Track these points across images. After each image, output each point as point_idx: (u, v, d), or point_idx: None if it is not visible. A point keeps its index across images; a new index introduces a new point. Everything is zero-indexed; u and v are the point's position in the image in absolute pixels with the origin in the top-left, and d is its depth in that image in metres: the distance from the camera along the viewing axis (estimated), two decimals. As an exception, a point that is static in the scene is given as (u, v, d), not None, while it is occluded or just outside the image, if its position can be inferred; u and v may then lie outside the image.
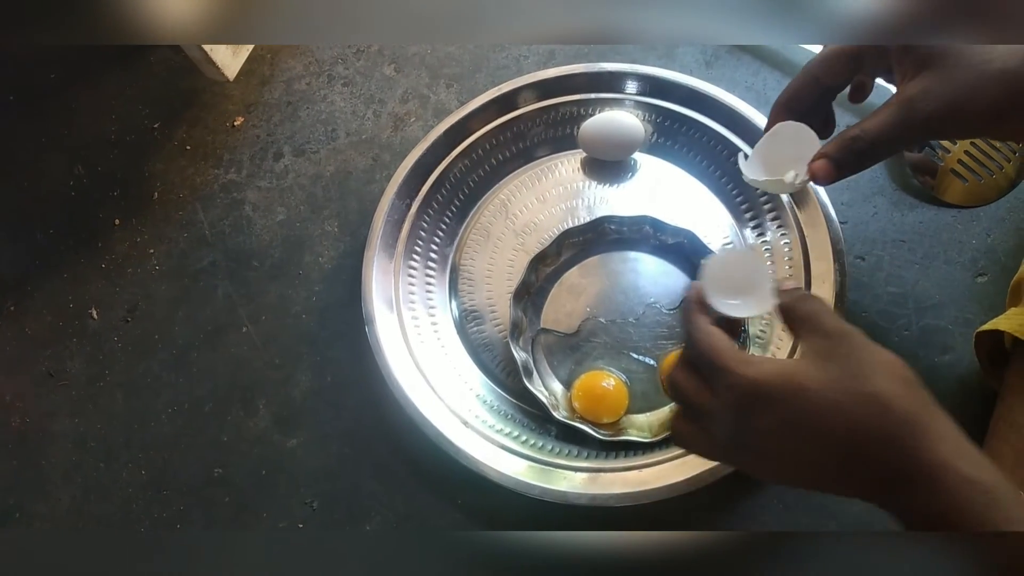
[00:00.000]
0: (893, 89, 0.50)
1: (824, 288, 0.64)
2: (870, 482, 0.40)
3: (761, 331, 0.65)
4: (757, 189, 0.66)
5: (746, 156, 0.59)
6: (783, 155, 0.55)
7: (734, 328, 0.49)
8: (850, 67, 0.53)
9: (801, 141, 0.54)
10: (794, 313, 0.45)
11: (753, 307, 0.48)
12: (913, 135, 0.49)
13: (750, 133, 0.69)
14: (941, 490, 0.38)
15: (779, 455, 0.42)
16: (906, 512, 0.40)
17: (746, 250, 0.49)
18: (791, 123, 0.55)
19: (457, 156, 0.72)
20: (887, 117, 0.48)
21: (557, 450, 0.63)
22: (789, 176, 0.54)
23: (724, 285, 0.48)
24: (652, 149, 0.73)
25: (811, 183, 0.54)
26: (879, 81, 0.58)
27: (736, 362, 0.43)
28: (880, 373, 0.40)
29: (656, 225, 0.67)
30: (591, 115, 0.72)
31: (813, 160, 0.52)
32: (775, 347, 0.64)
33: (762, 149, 0.57)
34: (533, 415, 0.65)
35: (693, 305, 0.47)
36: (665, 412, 0.64)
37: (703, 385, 0.45)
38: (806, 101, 0.55)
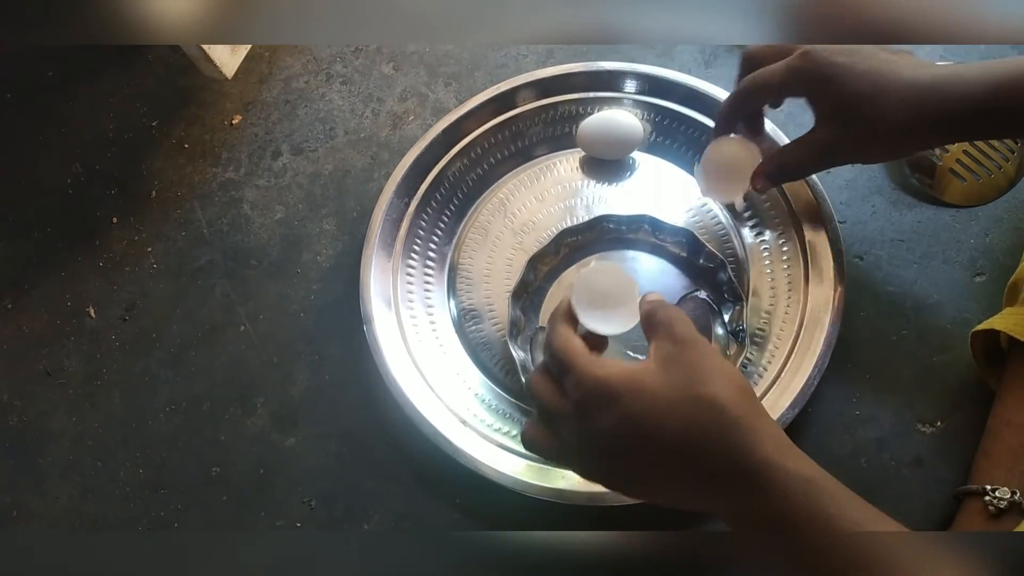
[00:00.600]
0: None
1: (822, 288, 0.64)
2: (703, 482, 0.42)
3: (760, 329, 0.65)
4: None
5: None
6: (730, 166, 0.62)
7: (600, 342, 0.50)
8: (775, 96, 0.60)
9: (745, 153, 0.61)
10: (651, 319, 0.47)
11: (618, 324, 0.49)
12: (824, 168, 0.60)
13: (749, 132, 0.69)
14: (767, 484, 0.40)
15: (620, 456, 0.44)
16: (737, 511, 0.42)
17: (615, 266, 0.52)
18: (735, 137, 0.62)
19: (456, 155, 0.72)
20: (806, 153, 0.58)
21: (555, 449, 0.63)
22: (739, 201, 0.65)
23: (592, 300, 0.49)
24: (651, 148, 0.73)
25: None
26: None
27: (585, 362, 0.45)
28: (717, 379, 0.42)
29: (655, 224, 0.67)
30: (590, 114, 0.72)
31: (754, 176, 0.60)
32: (773, 345, 0.64)
33: (711, 161, 0.63)
34: (532, 414, 0.65)
35: (559, 315, 0.49)
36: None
37: (557, 388, 0.46)
38: (744, 112, 0.62)
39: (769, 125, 0.68)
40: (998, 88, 0.50)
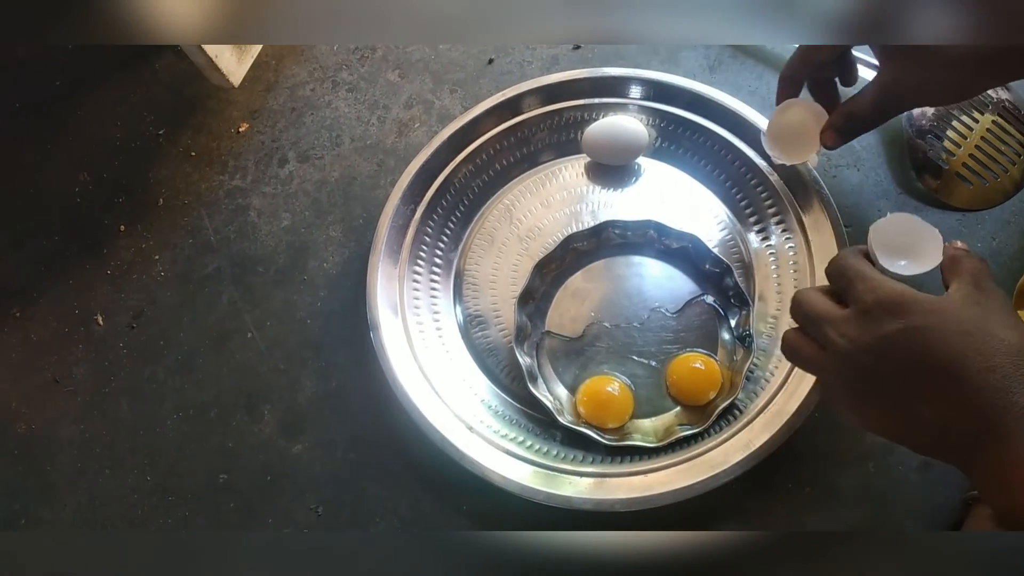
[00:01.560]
0: None
1: (829, 292, 0.64)
2: (960, 418, 0.42)
3: (766, 334, 0.65)
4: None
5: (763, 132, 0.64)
6: (796, 127, 0.61)
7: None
8: (836, 48, 0.60)
9: (811, 114, 0.61)
10: (957, 264, 0.48)
11: (919, 266, 0.50)
12: (893, 112, 0.58)
13: (754, 136, 0.69)
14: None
15: (887, 366, 0.44)
16: (982, 464, 0.42)
17: (911, 217, 0.52)
18: (799, 100, 0.61)
19: (461, 161, 0.72)
20: (872, 98, 0.56)
21: (562, 455, 0.63)
22: (812, 160, 0.63)
23: (891, 247, 0.51)
24: (656, 153, 0.73)
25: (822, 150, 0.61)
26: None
27: (880, 276, 0.46)
28: (1019, 329, 0.43)
29: (660, 229, 0.67)
30: (595, 120, 0.72)
31: (822, 132, 0.60)
32: (778, 357, 0.64)
33: (777, 125, 0.63)
34: (538, 420, 0.65)
35: (850, 250, 0.50)
36: (670, 417, 0.64)
37: (833, 299, 0.48)
38: (804, 74, 0.61)
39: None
40: None
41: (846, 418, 0.48)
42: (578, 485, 0.61)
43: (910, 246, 0.51)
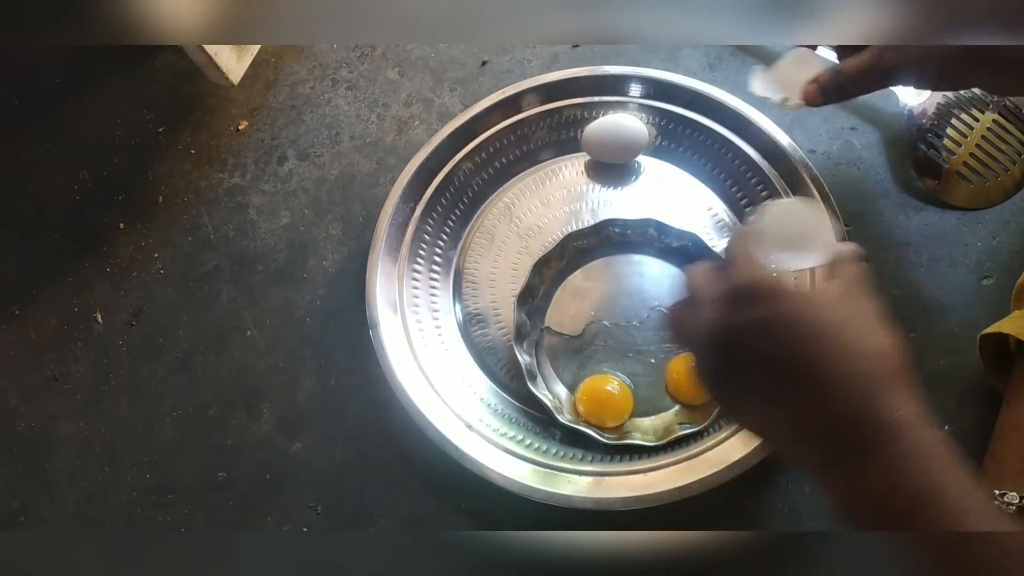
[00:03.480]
0: None
1: (829, 291, 0.64)
2: (820, 417, 0.41)
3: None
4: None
5: (761, 70, 0.62)
6: (791, 76, 0.60)
7: None
8: None
9: (809, 66, 0.59)
10: (839, 265, 0.46)
11: (806, 260, 0.48)
12: (880, 81, 0.56)
13: (754, 135, 0.69)
14: (895, 437, 0.39)
15: (751, 353, 0.42)
16: (840, 467, 0.40)
17: (804, 202, 0.50)
18: (804, 49, 0.60)
19: (461, 159, 0.72)
20: (862, 61, 0.55)
21: (561, 454, 0.63)
22: (778, 98, 0.60)
23: (778, 237, 0.48)
24: (656, 152, 0.73)
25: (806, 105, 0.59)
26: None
27: (759, 263, 0.44)
28: (888, 333, 0.42)
29: (660, 228, 0.67)
30: (595, 118, 0.72)
31: (807, 84, 0.58)
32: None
33: (776, 68, 0.62)
34: (537, 419, 0.65)
35: (738, 238, 0.48)
36: (670, 416, 0.64)
37: (717, 276, 0.45)
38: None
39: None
40: None
41: (718, 401, 0.47)
42: (577, 484, 0.61)
43: (799, 238, 0.48)
